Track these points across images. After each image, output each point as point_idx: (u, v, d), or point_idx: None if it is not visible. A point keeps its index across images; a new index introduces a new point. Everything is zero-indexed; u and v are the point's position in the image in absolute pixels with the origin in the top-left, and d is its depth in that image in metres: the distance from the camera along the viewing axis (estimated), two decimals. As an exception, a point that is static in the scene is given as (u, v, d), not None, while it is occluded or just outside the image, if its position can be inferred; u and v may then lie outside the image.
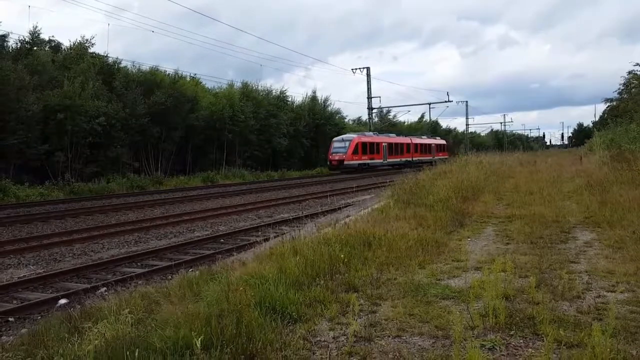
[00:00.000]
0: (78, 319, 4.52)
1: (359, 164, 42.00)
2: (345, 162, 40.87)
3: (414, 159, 51.64)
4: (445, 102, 60.03)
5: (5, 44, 27.50)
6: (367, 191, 21.11)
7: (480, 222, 9.63)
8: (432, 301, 4.85)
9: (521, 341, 3.86)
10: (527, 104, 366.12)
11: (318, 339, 4.06)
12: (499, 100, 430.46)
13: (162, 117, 31.14)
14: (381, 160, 46.25)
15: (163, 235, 12.41)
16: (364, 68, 52.33)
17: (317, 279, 5.49)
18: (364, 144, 42.84)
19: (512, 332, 4.01)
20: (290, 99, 48.04)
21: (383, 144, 46.55)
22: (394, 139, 49.75)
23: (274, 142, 41.52)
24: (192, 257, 9.55)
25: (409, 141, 52.53)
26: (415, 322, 4.31)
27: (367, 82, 52.46)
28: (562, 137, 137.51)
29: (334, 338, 4.05)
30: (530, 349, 3.71)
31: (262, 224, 13.45)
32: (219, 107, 36.48)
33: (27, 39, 29.85)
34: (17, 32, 49.13)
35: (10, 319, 6.38)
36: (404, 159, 50.06)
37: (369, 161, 43.72)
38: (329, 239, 6.96)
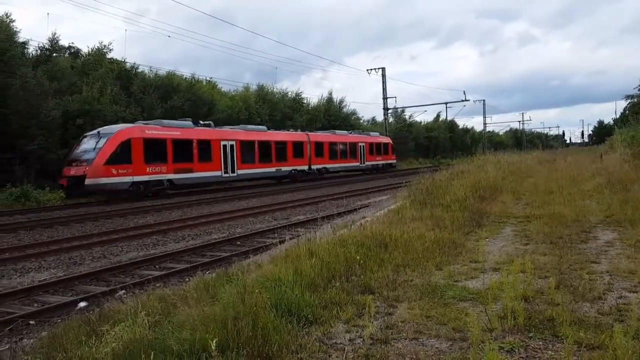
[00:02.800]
0: (96, 322, 4.56)
1: (135, 182, 21.92)
2: (88, 181, 20.33)
3: (315, 166, 34.06)
4: (462, 101, 59.24)
5: (25, 50, 28.05)
6: (383, 192, 21.01)
7: (498, 222, 9.51)
8: (449, 303, 4.79)
9: (540, 343, 3.79)
10: (547, 101, 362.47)
11: (334, 341, 4.04)
12: (518, 98, 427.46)
13: (179, 120, 31.44)
14: (218, 173, 26.33)
15: (181, 237, 12.51)
16: (379, 69, 52.30)
17: (333, 280, 5.47)
18: (149, 143, 22.69)
19: (531, 334, 3.94)
20: (306, 101, 48.40)
21: (222, 143, 26.53)
22: (256, 134, 29.45)
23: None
24: (209, 260, 9.61)
25: (304, 138, 33.19)
26: (432, 324, 4.26)
27: (383, 82, 52.42)
28: (582, 135, 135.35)
29: (350, 340, 4.03)
30: (549, 351, 3.64)
31: (278, 225, 13.47)
32: (235, 110, 36.79)
33: (46, 46, 30.55)
34: (37, 39, 50.30)
35: (31, 322, 6.47)
36: (287, 168, 31.34)
37: (172, 176, 23.63)
38: (345, 241, 6.94)
